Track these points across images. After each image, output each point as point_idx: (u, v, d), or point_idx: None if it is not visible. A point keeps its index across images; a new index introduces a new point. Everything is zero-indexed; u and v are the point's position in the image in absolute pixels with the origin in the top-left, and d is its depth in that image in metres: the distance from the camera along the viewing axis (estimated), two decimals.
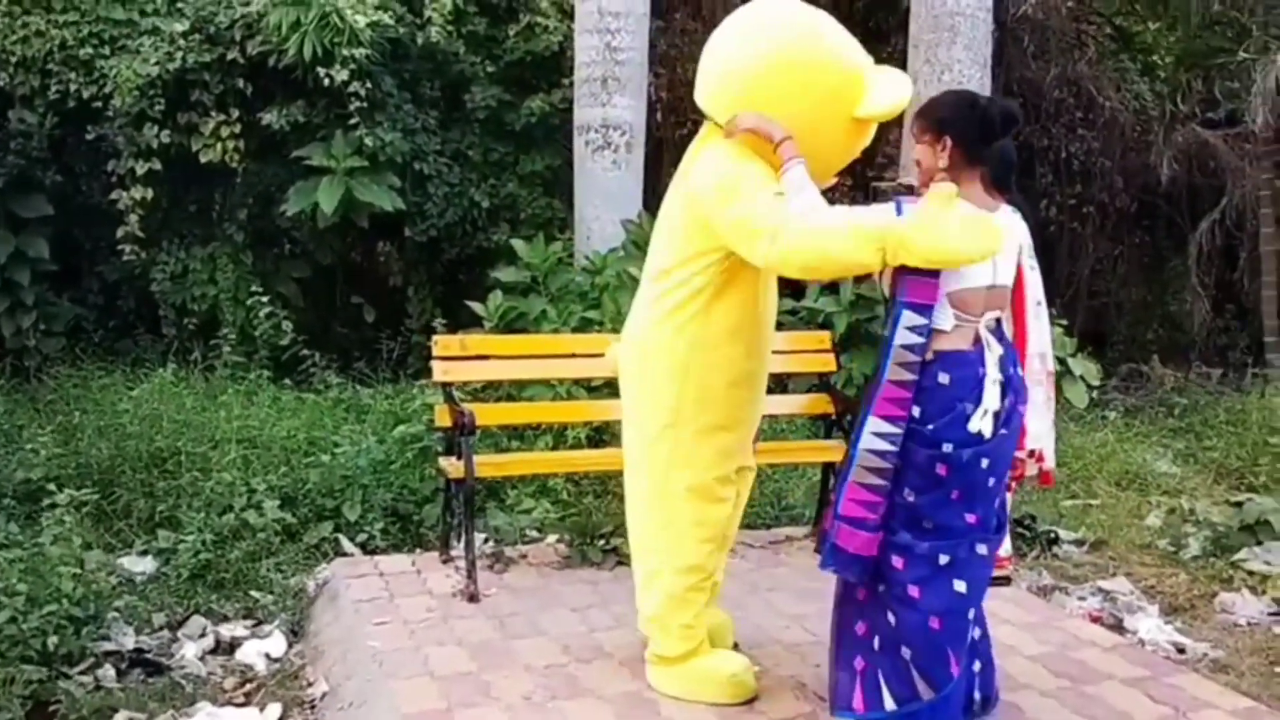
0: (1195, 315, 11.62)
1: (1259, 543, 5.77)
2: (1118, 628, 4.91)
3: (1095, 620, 4.95)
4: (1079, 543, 6.15)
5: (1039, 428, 4.91)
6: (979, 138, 3.54)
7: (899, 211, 3.39)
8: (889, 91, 3.61)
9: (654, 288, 3.82)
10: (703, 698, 3.84)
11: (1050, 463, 5.07)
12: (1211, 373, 10.78)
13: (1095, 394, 8.62)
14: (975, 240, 3.24)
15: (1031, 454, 5.01)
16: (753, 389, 3.89)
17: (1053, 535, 6.11)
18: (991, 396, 3.39)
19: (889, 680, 3.41)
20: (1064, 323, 8.37)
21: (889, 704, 3.41)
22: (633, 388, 3.88)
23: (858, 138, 3.73)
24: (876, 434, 3.30)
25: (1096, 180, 11.92)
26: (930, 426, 3.32)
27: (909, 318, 3.29)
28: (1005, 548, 5.19)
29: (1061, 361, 7.94)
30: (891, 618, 3.39)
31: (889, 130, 10.16)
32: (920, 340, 3.29)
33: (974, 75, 8.69)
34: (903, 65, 9.15)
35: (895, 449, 3.30)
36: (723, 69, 3.70)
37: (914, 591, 3.36)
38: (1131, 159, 11.88)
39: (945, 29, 8.61)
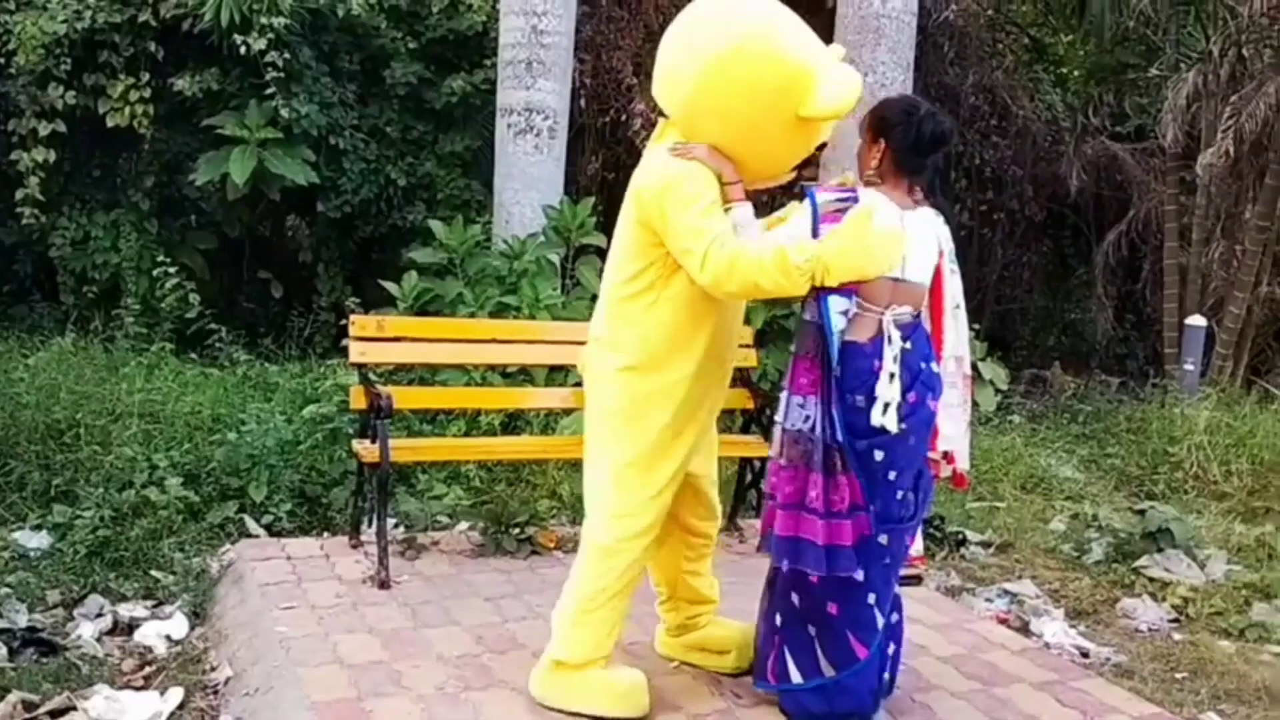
0: (1098, 324, 11.88)
1: (1160, 550, 5.89)
2: (1024, 630, 4.97)
3: (1003, 622, 5.01)
4: (986, 544, 6.23)
5: (952, 430, 4.95)
6: (911, 148, 3.65)
7: (812, 201, 3.54)
8: (834, 91, 3.51)
9: (619, 290, 3.69)
10: (591, 710, 3.65)
11: (964, 465, 5.12)
12: (1111, 381, 11.03)
13: (1001, 398, 8.78)
14: (888, 256, 3.44)
15: (945, 456, 5.07)
16: (719, 377, 3.83)
17: (961, 536, 6.19)
18: (884, 389, 3.46)
19: (795, 655, 3.63)
20: (976, 327, 8.47)
21: (795, 676, 3.64)
22: (596, 381, 3.78)
23: (807, 136, 3.66)
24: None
25: (1008, 188, 12.13)
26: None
27: (840, 302, 3.48)
28: (917, 547, 5.23)
29: (973, 365, 8.04)
30: (795, 598, 3.60)
31: None
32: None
33: (896, 78, 8.76)
34: None
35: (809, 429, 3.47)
36: (673, 62, 3.62)
37: (812, 577, 3.51)
38: (1042, 168, 12.11)
39: (870, 30, 8.67)
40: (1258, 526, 6.67)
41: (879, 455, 3.49)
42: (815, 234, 3.48)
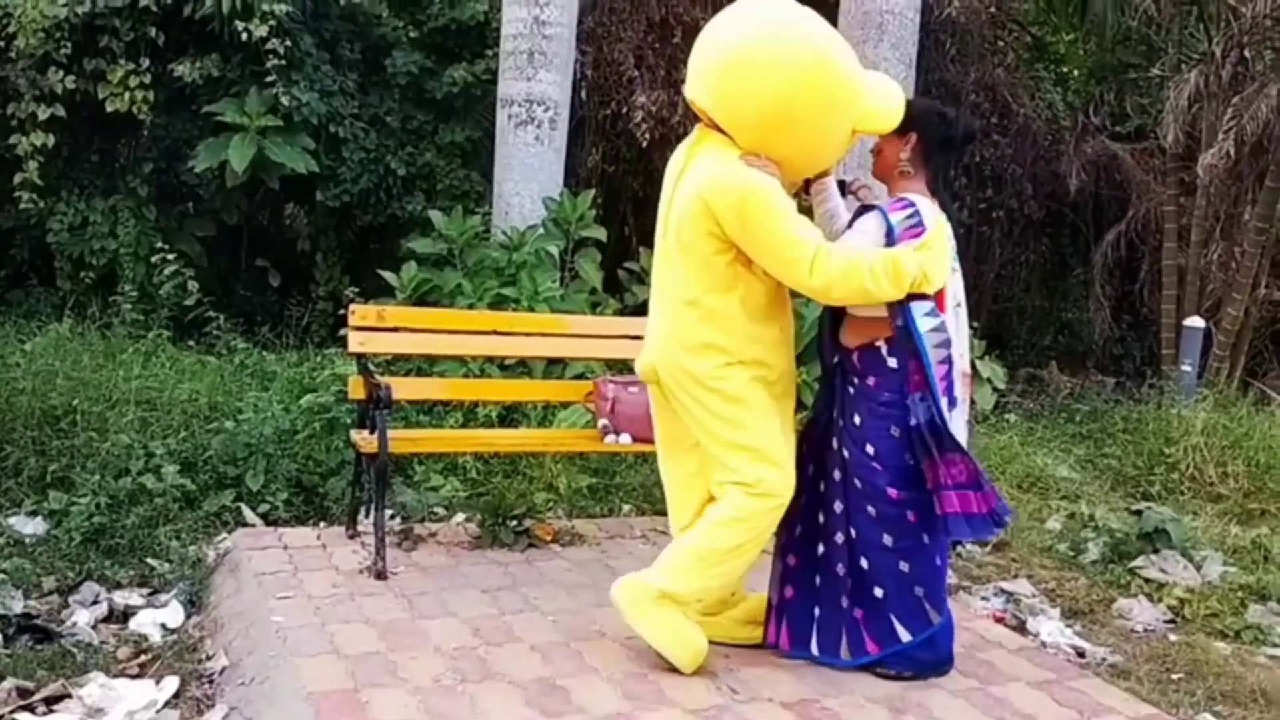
0: (1096, 324, 11.88)
1: (1156, 551, 5.90)
2: (1020, 629, 4.97)
3: (999, 621, 5.01)
4: (982, 543, 6.22)
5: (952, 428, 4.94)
6: (940, 145, 4.04)
7: (885, 216, 3.92)
8: (887, 105, 3.89)
9: (688, 314, 3.89)
10: (664, 645, 3.91)
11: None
12: (1107, 381, 11.05)
13: (998, 397, 8.78)
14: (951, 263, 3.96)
15: None
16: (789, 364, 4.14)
17: None
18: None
19: (902, 615, 4.04)
20: (974, 325, 8.47)
21: (904, 636, 4.03)
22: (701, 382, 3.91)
23: (847, 146, 3.99)
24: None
25: (1007, 186, 12.11)
26: None
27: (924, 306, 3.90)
28: None
29: (971, 364, 8.04)
30: (865, 564, 4.04)
31: None
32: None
33: (899, 74, 8.72)
34: None
35: None
36: (742, 75, 3.72)
37: (886, 540, 4.01)
38: (1041, 167, 12.09)
39: (874, 26, 8.65)
40: (1253, 528, 6.67)
41: None
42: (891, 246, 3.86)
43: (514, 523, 5.35)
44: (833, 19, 9.01)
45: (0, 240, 9.16)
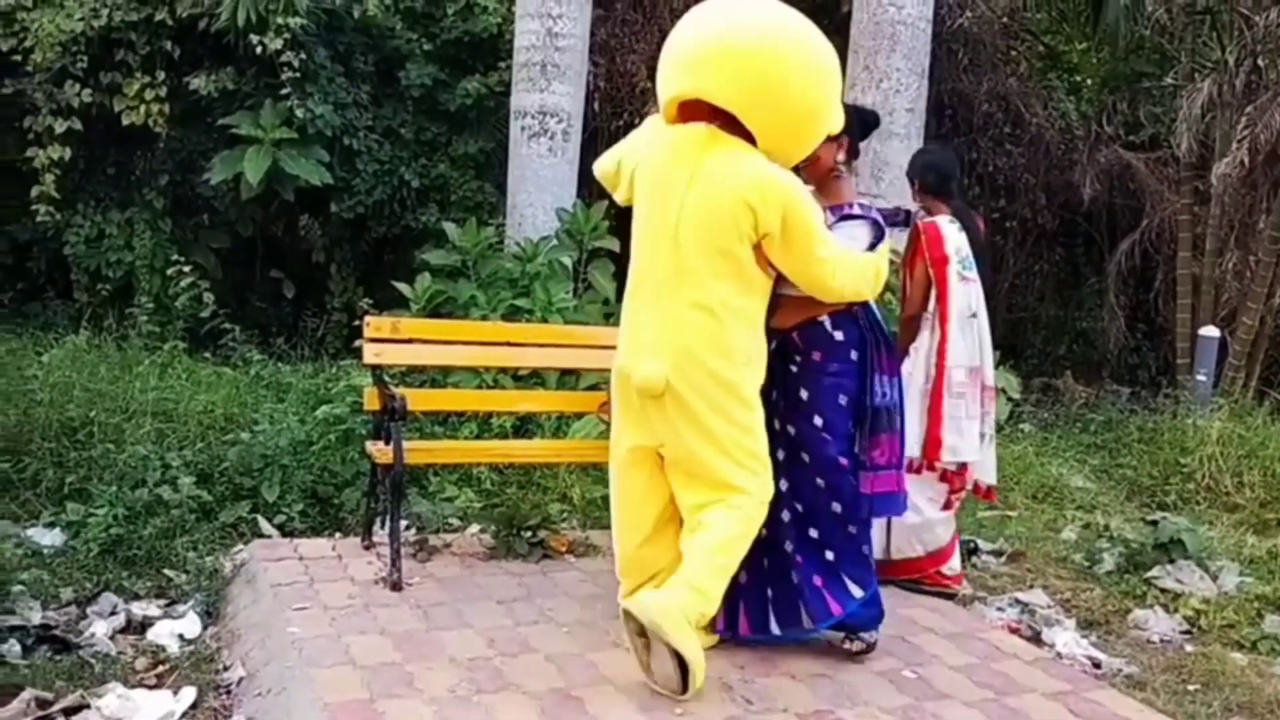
0: (1111, 333, 11.84)
1: (1171, 561, 5.88)
2: (1035, 640, 4.96)
3: (1014, 631, 5.00)
4: (997, 553, 6.22)
5: (956, 441, 4.91)
6: (858, 143, 4.36)
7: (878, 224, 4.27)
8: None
9: (714, 318, 3.86)
10: (687, 647, 3.77)
11: (987, 478, 5.07)
12: (1122, 390, 11.01)
13: (1013, 407, 8.75)
14: None
15: (960, 468, 5.01)
16: None
17: (972, 545, 6.17)
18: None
19: (852, 571, 4.21)
20: None
21: (856, 592, 4.22)
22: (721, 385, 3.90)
23: None
24: None
25: (1021, 195, 12.09)
26: None
27: None
28: (954, 565, 5.20)
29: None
30: (815, 534, 4.19)
31: None
32: None
33: (911, 84, 8.75)
34: (840, 71, 9.21)
35: None
36: (774, 74, 3.74)
37: (836, 508, 4.18)
38: (1055, 176, 12.06)
39: (885, 36, 8.66)
40: (1270, 538, 6.64)
41: None
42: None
43: (528, 534, 5.35)
44: (845, 28, 9.07)
45: (17, 253, 9.22)
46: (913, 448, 4.87)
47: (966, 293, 4.96)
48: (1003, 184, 12.14)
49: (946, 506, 5.10)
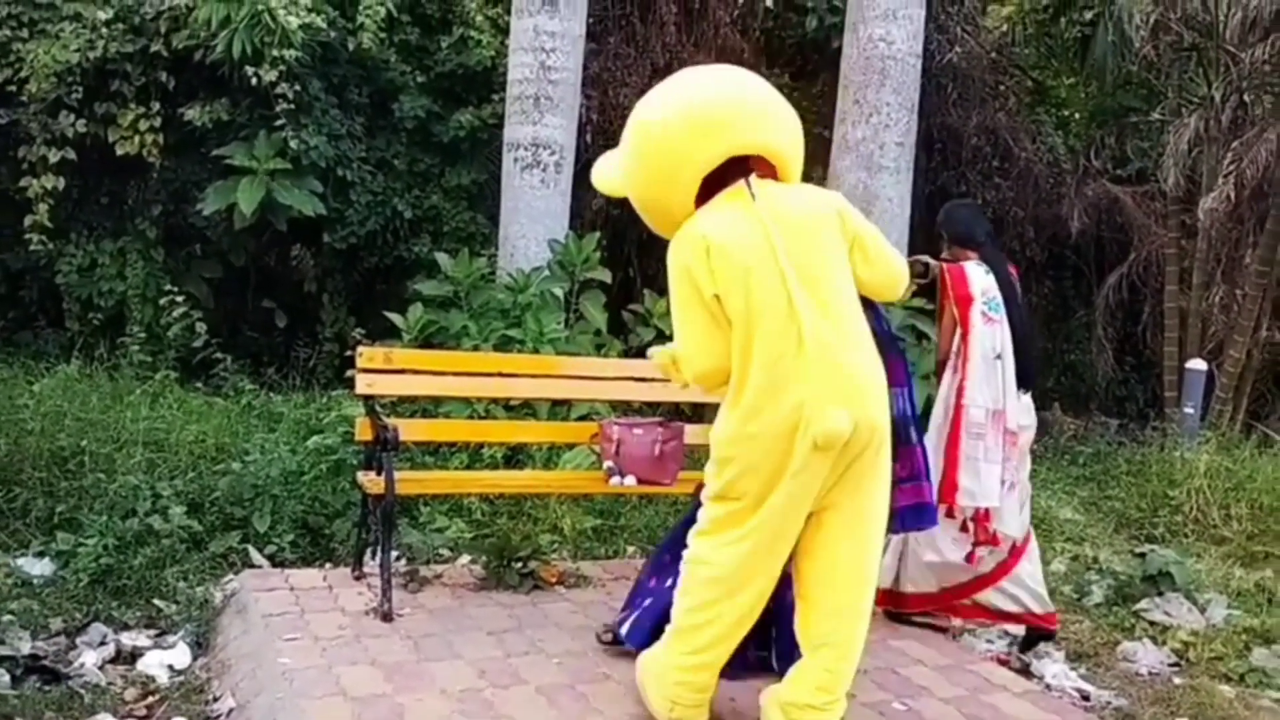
0: (1099, 366, 11.91)
1: (1160, 593, 5.91)
2: (1024, 672, 4.97)
3: (1003, 664, 5.01)
4: None
5: (971, 484, 4.81)
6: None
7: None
8: None
9: (864, 324, 3.75)
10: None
11: (1004, 528, 4.93)
12: (1110, 423, 11.07)
13: None
14: None
15: (978, 514, 4.90)
16: None
17: None
18: None
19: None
20: None
21: None
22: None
23: None
24: None
25: (1009, 229, 12.15)
26: None
27: None
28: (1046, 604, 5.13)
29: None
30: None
31: (811, 168, 10.28)
32: None
33: (901, 118, 8.82)
34: (830, 105, 9.28)
35: None
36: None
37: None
38: (1043, 210, 12.13)
39: (876, 71, 8.74)
40: (1257, 571, 6.68)
41: None
42: None
43: (519, 564, 5.36)
44: (835, 63, 9.16)
45: (9, 282, 9.23)
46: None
47: (991, 333, 4.84)
48: (991, 217, 12.08)
49: (969, 559, 4.96)
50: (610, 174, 4.06)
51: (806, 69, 11.20)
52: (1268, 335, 10.44)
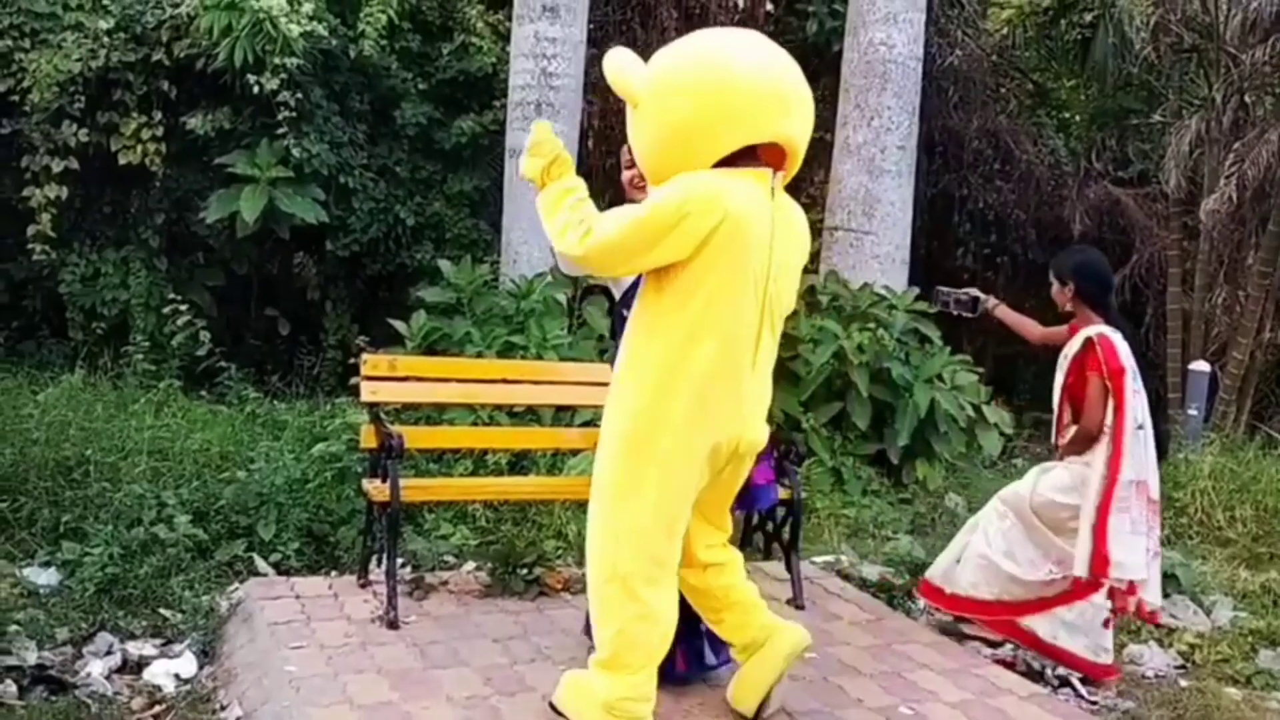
0: None
1: (1166, 596, 5.88)
2: (1030, 674, 4.97)
3: (1010, 667, 5.00)
4: None
5: (1124, 556, 4.76)
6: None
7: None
8: None
9: None
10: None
11: (1153, 599, 4.92)
12: None
13: (1005, 442, 8.76)
14: None
15: (1129, 587, 4.84)
16: None
17: None
18: None
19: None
20: (979, 370, 8.51)
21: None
22: None
23: None
24: None
25: (1011, 231, 12.19)
26: None
27: None
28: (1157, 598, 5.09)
29: (976, 409, 8.08)
30: None
31: (813, 171, 10.31)
32: None
33: (902, 123, 8.84)
34: (832, 109, 9.30)
35: None
36: None
37: None
38: (1045, 212, 12.15)
39: (877, 75, 8.76)
40: (1263, 573, 6.66)
41: None
42: None
43: (524, 571, 5.35)
44: (836, 67, 9.17)
45: (13, 291, 9.23)
46: (1080, 567, 4.79)
47: (1137, 405, 4.84)
48: (993, 220, 12.24)
49: (1105, 624, 4.93)
50: (630, 77, 3.66)
51: (807, 73, 11.12)
52: (1271, 336, 10.44)
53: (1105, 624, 4.92)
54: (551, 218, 3.68)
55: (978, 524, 5.26)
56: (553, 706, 3.87)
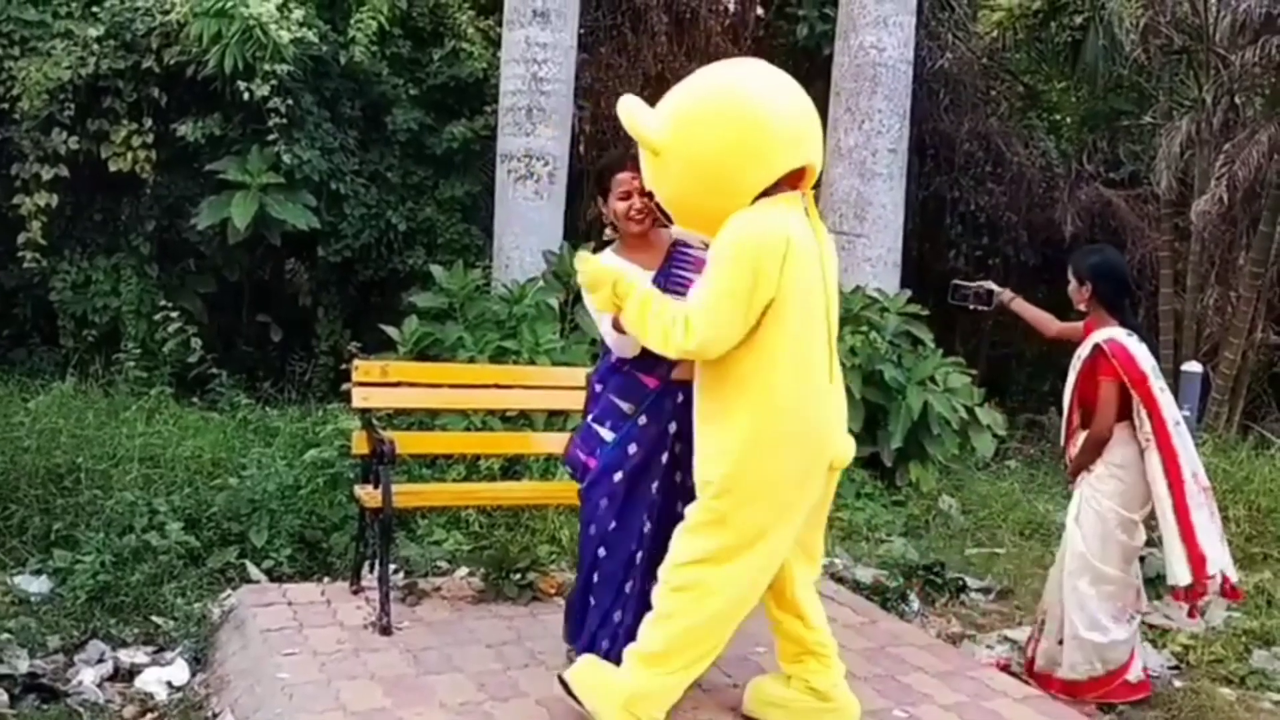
0: None
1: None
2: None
3: (1003, 669, 5.01)
4: (985, 591, 6.24)
5: (1214, 550, 4.68)
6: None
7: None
8: None
9: None
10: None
11: (1231, 573, 4.79)
12: None
13: (998, 444, 8.77)
14: None
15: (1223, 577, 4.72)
16: None
17: (960, 583, 6.20)
18: None
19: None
20: (972, 372, 8.52)
21: None
22: None
23: None
24: None
25: (1003, 234, 12.18)
26: None
27: None
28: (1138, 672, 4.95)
29: (969, 411, 8.08)
30: None
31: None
32: None
33: (893, 125, 8.85)
34: (823, 112, 9.28)
35: None
36: None
37: None
38: (1037, 214, 12.14)
39: (867, 79, 8.77)
40: (1256, 573, 6.66)
41: None
42: None
43: (517, 576, 5.35)
44: (827, 71, 9.17)
45: (3, 299, 9.21)
46: (1181, 575, 4.65)
47: (1168, 402, 4.78)
48: (985, 222, 12.24)
49: (1191, 614, 4.95)
50: (646, 127, 3.72)
51: (798, 77, 11.13)
52: (1263, 337, 10.44)
53: (1190, 614, 4.96)
54: (646, 333, 3.70)
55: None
56: (562, 681, 3.85)
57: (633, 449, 4.08)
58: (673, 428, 4.06)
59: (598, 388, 4.26)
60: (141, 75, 8.60)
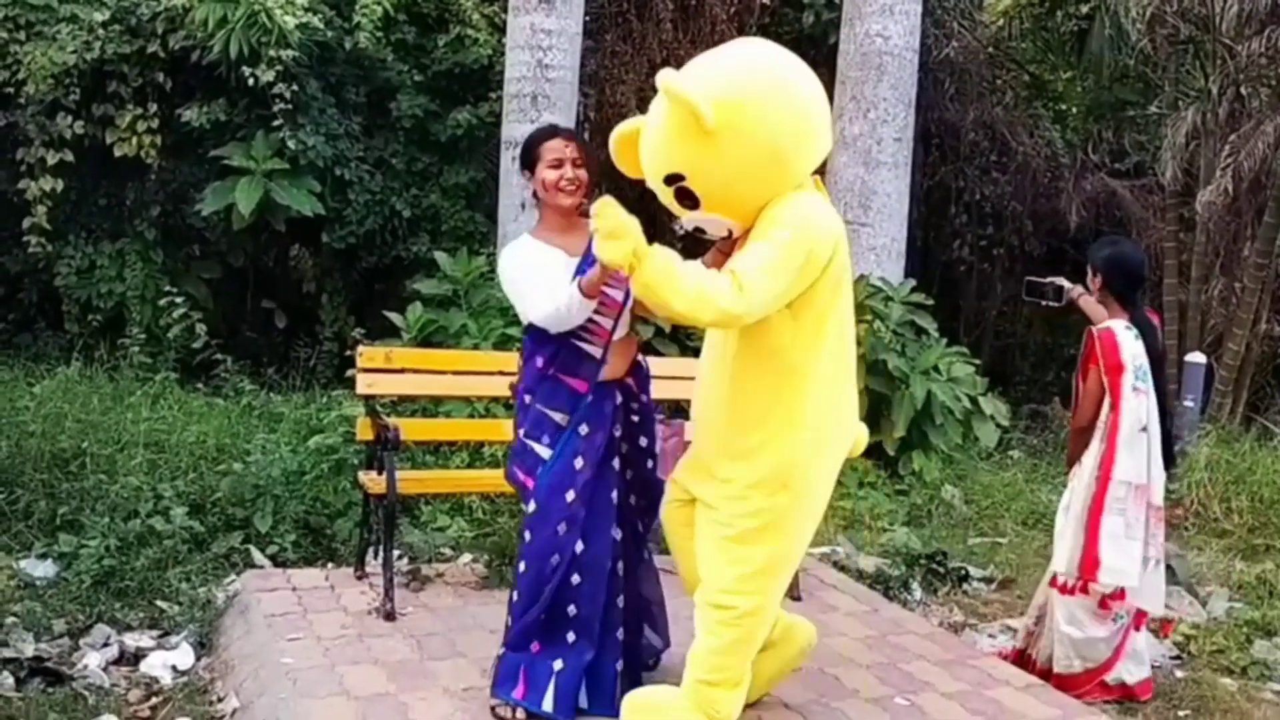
0: None
1: None
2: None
3: (1006, 658, 5.01)
4: (988, 580, 6.25)
5: (1115, 560, 4.60)
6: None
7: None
8: None
9: None
10: None
11: (1151, 608, 4.76)
12: None
13: (1001, 434, 8.77)
14: None
15: (1117, 592, 4.67)
16: None
17: (963, 572, 6.21)
18: None
19: None
20: (976, 362, 8.52)
21: None
22: None
23: None
24: None
25: (1007, 223, 12.17)
26: None
27: None
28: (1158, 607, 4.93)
29: (973, 401, 8.09)
30: None
31: None
32: None
33: (898, 113, 8.84)
34: (828, 101, 9.29)
35: None
36: None
37: None
38: (1042, 204, 12.13)
39: (873, 67, 8.76)
40: (1258, 564, 6.68)
41: None
42: None
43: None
44: (832, 59, 9.15)
45: (8, 284, 9.22)
46: (1069, 565, 4.67)
47: (1138, 406, 4.65)
48: (990, 212, 12.22)
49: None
50: (698, 97, 3.28)
51: None
52: (1267, 328, 10.42)
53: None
54: (675, 291, 3.30)
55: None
56: None
57: (579, 463, 3.78)
58: (618, 431, 3.90)
59: (526, 398, 3.95)
60: (147, 60, 8.61)
